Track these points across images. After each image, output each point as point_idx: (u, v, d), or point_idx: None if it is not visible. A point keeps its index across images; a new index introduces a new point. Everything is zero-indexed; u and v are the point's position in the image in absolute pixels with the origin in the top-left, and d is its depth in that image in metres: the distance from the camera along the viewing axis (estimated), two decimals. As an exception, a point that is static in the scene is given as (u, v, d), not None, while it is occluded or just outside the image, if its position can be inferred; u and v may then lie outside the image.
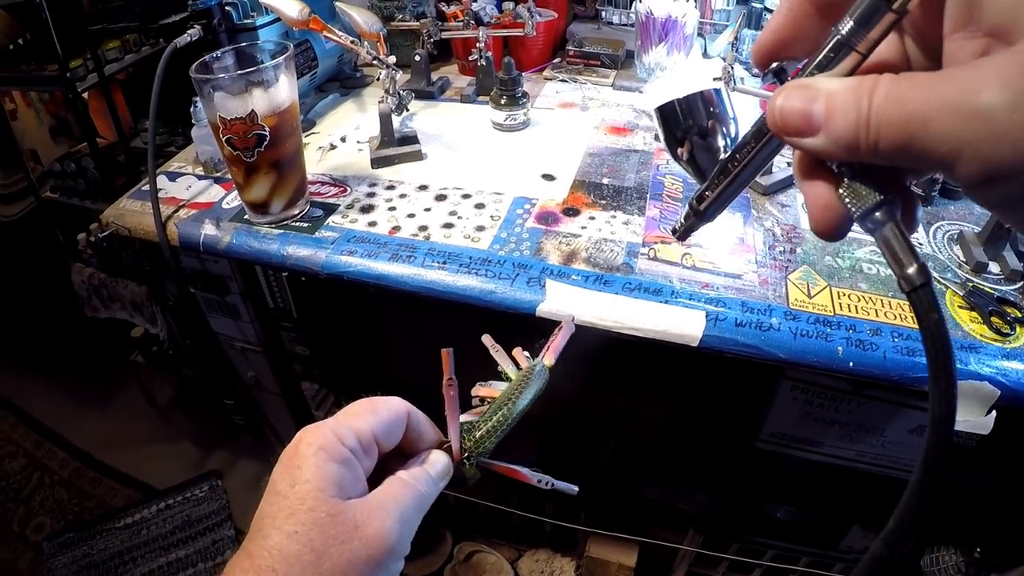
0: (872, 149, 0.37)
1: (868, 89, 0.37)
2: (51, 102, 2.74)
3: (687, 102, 0.55)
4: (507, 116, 1.59)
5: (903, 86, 0.36)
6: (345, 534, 0.53)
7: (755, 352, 1.02)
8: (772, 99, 0.42)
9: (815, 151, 0.41)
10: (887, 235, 0.39)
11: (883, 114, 0.36)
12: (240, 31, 1.53)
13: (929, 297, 0.37)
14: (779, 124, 0.42)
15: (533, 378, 0.77)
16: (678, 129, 0.55)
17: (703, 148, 0.54)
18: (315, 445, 0.56)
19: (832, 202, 0.43)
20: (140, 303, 1.94)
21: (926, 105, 0.34)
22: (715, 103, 0.55)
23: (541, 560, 2.04)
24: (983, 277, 1.13)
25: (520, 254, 1.20)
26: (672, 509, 1.72)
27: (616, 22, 1.98)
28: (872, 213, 0.40)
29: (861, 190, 0.41)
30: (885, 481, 1.34)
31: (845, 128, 0.38)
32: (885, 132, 0.36)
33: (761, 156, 0.49)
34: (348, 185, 1.44)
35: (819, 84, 0.40)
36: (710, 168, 0.54)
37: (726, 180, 0.52)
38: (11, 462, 2.80)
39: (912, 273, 0.38)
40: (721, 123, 0.54)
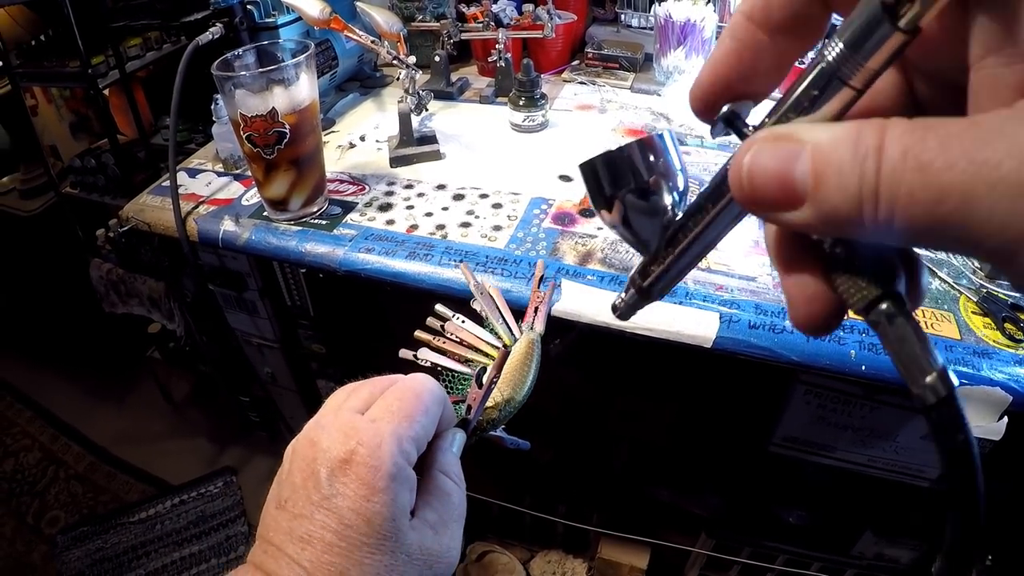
0: (883, 229, 0.27)
1: (872, 143, 0.27)
2: (72, 98, 2.76)
3: (620, 156, 0.41)
4: (525, 117, 1.59)
5: (930, 143, 0.25)
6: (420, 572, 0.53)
7: (768, 354, 1.02)
8: (736, 157, 0.32)
9: (799, 228, 0.30)
10: (897, 334, 0.31)
11: (900, 184, 0.26)
12: (261, 30, 1.54)
13: (954, 413, 0.29)
14: (747, 192, 0.31)
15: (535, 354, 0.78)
16: (609, 187, 0.42)
17: (643, 211, 0.42)
18: (386, 474, 0.53)
19: (820, 291, 0.35)
20: (158, 299, 1.95)
21: (968, 175, 0.24)
22: (658, 152, 0.42)
23: (553, 561, 2.04)
24: (997, 283, 1.13)
25: (536, 254, 1.20)
26: (684, 512, 1.72)
27: (635, 25, 1.98)
28: (876, 306, 0.31)
29: (860, 280, 0.32)
30: (897, 487, 1.33)
31: (842, 199, 0.28)
32: (903, 209, 0.26)
33: (721, 224, 0.39)
34: (367, 183, 1.45)
35: (801, 134, 0.29)
36: (653, 236, 0.43)
37: (675, 253, 0.42)
38: (27, 455, 2.83)
39: (931, 383, 0.29)
40: (666, 177, 0.42)
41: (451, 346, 0.92)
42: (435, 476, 0.60)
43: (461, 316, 0.98)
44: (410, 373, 0.63)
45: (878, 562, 1.57)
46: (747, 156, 0.31)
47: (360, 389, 0.61)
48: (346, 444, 0.53)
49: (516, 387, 0.76)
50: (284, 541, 0.52)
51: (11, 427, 2.95)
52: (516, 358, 0.83)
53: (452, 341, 0.93)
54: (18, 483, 2.72)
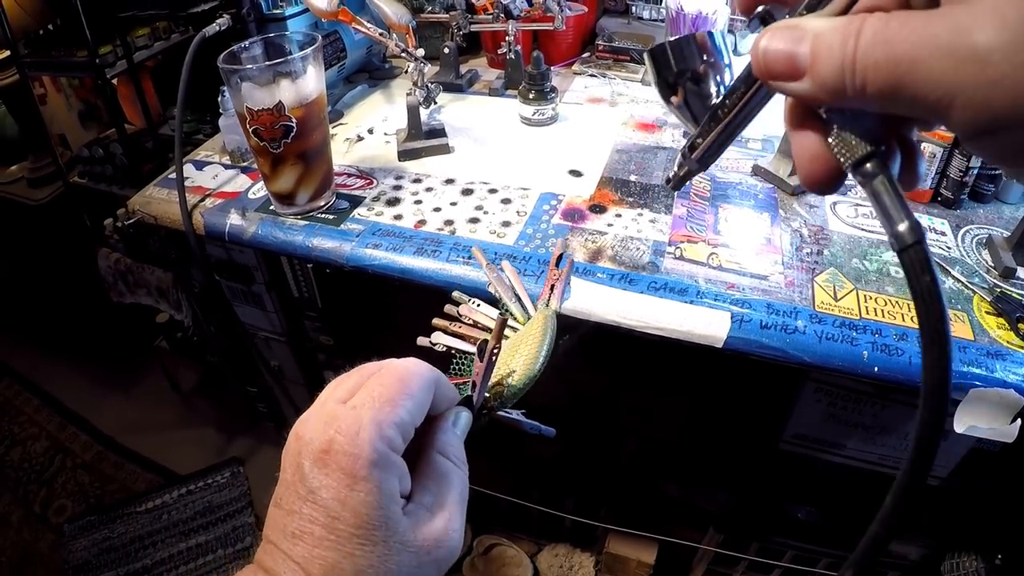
0: (859, 94, 0.35)
1: (855, 29, 0.35)
2: (80, 88, 2.76)
3: (679, 45, 0.53)
4: (535, 111, 1.58)
5: (892, 25, 0.33)
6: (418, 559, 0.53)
7: (780, 355, 1.02)
8: (756, 41, 0.40)
9: (801, 96, 0.39)
10: (877, 188, 0.37)
11: (869, 56, 0.34)
12: (269, 21, 1.53)
13: (921, 257, 0.35)
14: (763, 68, 0.40)
15: (548, 328, 0.77)
16: (670, 74, 0.53)
17: (695, 94, 0.53)
18: (366, 461, 0.51)
19: (822, 152, 0.41)
20: (165, 289, 1.95)
21: (915, 46, 0.32)
22: (708, 48, 0.53)
23: (560, 555, 2.04)
24: (1011, 283, 1.12)
25: (546, 251, 1.19)
26: (693, 507, 1.71)
27: (646, 17, 1.97)
28: (863, 164, 0.38)
29: (851, 139, 0.39)
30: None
31: (830, 71, 0.36)
32: (872, 75, 0.34)
33: (752, 102, 0.47)
34: (375, 177, 1.44)
35: (806, 24, 0.38)
36: (701, 113, 0.52)
37: (717, 127, 0.50)
38: (34, 444, 2.83)
39: (903, 231, 0.35)
40: (714, 69, 0.53)
41: (466, 330, 0.92)
42: (432, 457, 0.59)
43: (477, 300, 0.98)
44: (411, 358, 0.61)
45: (886, 558, 1.56)
46: (764, 39, 0.40)
47: (347, 379, 0.59)
48: (325, 434, 0.52)
49: (528, 362, 0.75)
50: (279, 538, 0.51)
51: (19, 416, 2.96)
52: (528, 332, 0.82)
53: (467, 325, 0.93)
54: (25, 472, 2.73)
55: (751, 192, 1.35)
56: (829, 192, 0.43)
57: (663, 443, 1.60)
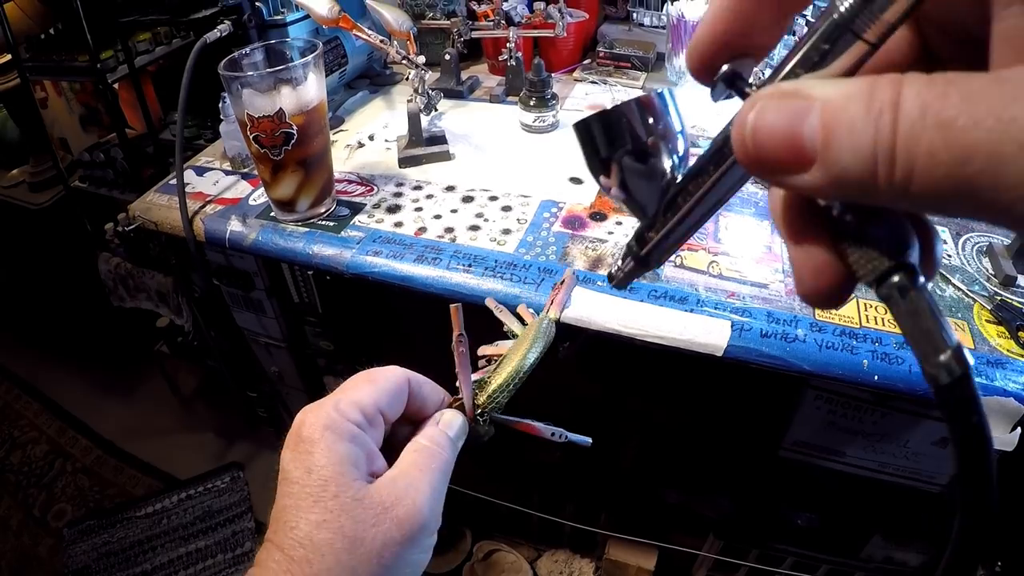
0: (899, 193, 0.25)
1: (889, 99, 0.24)
2: (81, 92, 2.76)
3: (616, 116, 0.39)
4: (536, 118, 1.59)
5: (952, 99, 0.23)
6: (375, 516, 0.52)
7: (780, 363, 1.02)
8: (739, 115, 0.29)
9: (807, 192, 0.28)
10: (910, 308, 0.28)
11: (920, 142, 0.23)
12: (270, 27, 1.53)
13: (968, 394, 0.27)
14: (751, 153, 0.29)
15: (540, 332, 0.76)
16: (605, 150, 0.40)
17: (640, 174, 0.39)
18: (319, 426, 0.54)
19: (829, 261, 0.32)
20: (166, 294, 1.95)
21: (995, 133, 0.22)
22: (656, 113, 0.40)
23: (560, 561, 2.04)
24: (1012, 291, 1.12)
25: (546, 259, 1.20)
26: (693, 514, 1.71)
27: (647, 24, 1.97)
28: (888, 278, 0.29)
29: (871, 251, 0.30)
30: (907, 492, 1.33)
31: (854, 160, 0.25)
32: (923, 170, 0.24)
33: (723, 188, 0.37)
34: (375, 184, 1.44)
35: (810, 90, 0.27)
36: (651, 201, 0.40)
37: (674, 219, 0.40)
38: (34, 448, 2.83)
39: (945, 362, 0.27)
40: (665, 139, 0.39)
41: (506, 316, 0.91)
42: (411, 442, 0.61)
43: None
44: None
45: (887, 565, 1.56)
46: (751, 114, 0.29)
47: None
48: (297, 422, 0.56)
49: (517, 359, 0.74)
50: (269, 533, 0.53)
51: (18, 419, 2.96)
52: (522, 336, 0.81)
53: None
54: (25, 476, 2.72)
55: (751, 200, 1.35)
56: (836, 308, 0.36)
57: (663, 449, 1.60)
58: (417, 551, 0.54)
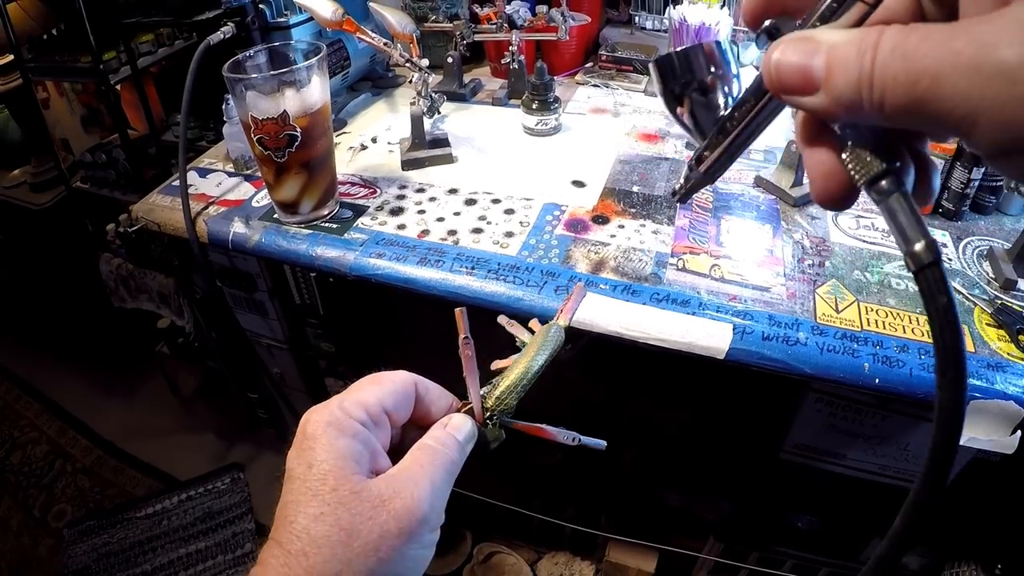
0: (877, 110, 0.33)
1: (872, 42, 0.33)
2: (83, 92, 2.76)
3: (686, 56, 0.49)
4: (538, 121, 1.59)
5: (912, 39, 0.32)
6: (372, 509, 0.52)
7: (781, 366, 1.02)
8: (768, 53, 0.38)
9: (815, 111, 0.37)
10: (893, 206, 0.36)
11: (888, 70, 0.32)
12: (273, 30, 1.53)
13: (938, 278, 0.33)
14: (775, 81, 0.38)
15: (549, 338, 0.76)
16: (676, 85, 0.50)
17: (703, 105, 0.49)
18: (323, 423, 0.55)
19: (835, 169, 0.40)
20: (167, 295, 1.95)
21: (937, 61, 0.30)
22: (716, 58, 0.50)
23: (560, 563, 2.04)
24: (1012, 295, 1.12)
25: (548, 262, 1.20)
26: (693, 516, 1.71)
27: (649, 28, 1.97)
28: (878, 182, 0.37)
29: (865, 156, 0.38)
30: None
31: (846, 85, 0.34)
32: (891, 91, 0.32)
33: (762, 115, 0.45)
34: (378, 187, 1.45)
35: (820, 36, 0.36)
36: (709, 126, 0.49)
37: (725, 140, 0.48)
38: (34, 448, 2.83)
39: (920, 250, 0.34)
40: (722, 80, 0.49)
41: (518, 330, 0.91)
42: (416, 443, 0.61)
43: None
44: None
45: (887, 569, 1.56)
46: (776, 52, 0.38)
47: None
48: (302, 419, 0.57)
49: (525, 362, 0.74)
50: (272, 530, 0.54)
51: (19, 420, 2.95)
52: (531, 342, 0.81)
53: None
54: (25, 476, 2.72)
55: (753, 203, 1.35)
56: (842, 209, 0.42)
57: (664, 452, 1.61)
58: (416, 546, 0.54)
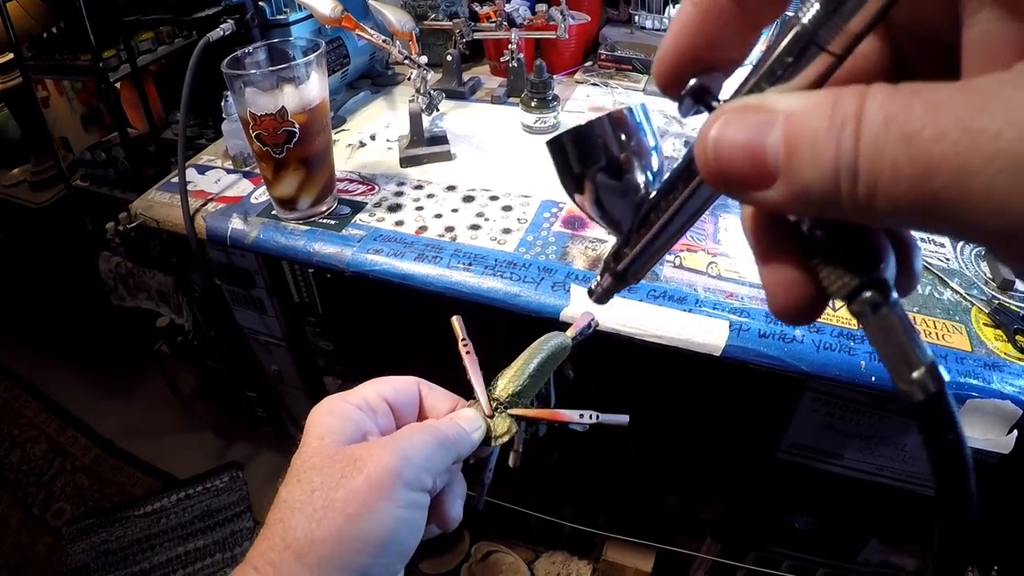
0: (864, 208, 0.24)
1: (852, 110, 0.23)
2: (83, 91, 2.77)
3: (588, 132, 0.39)
4: (537, 119, 1.59)
5: (916, 109, 0.22)
6: (344, 468, 0.52)
7: (778, 364, 1.02)
8: (701, 131, 0.28)
9: (772, 208, 0.27)
10: (882, 325, 0.28)
11: (883, 154, 0.22)
12: (273, 27, 1.54)
13: (945, 410, 0.26)
14: (714, 169, 0.28)
15: (549, 341, 0.75)
16: (577, 166, 0.40)
17: (614, 191, 0.40)
18: (319, 410, 0.57)
19: (799, 279, 0.32)
20: (166, 293, 1.95)
21: (962, 147, 0.21)
22: (630, 127, 0.40)
23: (558, 562, 2.04)
24: (1009, 295, 1.12)
25: (546, 258, 1.20)
26: (690, 516, 1.71)
27: (649, 27, 1.97)
28: (858, 295, 0.28)
29: (840, 265, 0.29)
30: (905, 495, 1.33)
31: (816, 173, 0.24)
32: (887, 184, 0.23)
33: (693, 203, 0.36)
34: (376, 183, 1.45)
35: (773, 103, 0.26)
36: (625, 217, 0.40)
37: (648, 235, 0.39)
38: (34, 447, 2.83)
39: (919, 378, 0.26)
40: (639, 155, 0.40)
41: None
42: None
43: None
44: None
45: (884, 569, 1.56)
46: (713, 128, 0.28)
47: None
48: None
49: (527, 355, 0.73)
50: None
51: (18, 418, 2.96)
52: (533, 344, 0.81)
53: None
54: (24, 474, 2.72)
55: (751, 202, 1.35)
56: (809, 323, 0.34)
57: (661, 451, 1.61)
58: (390, 503, 0.51)
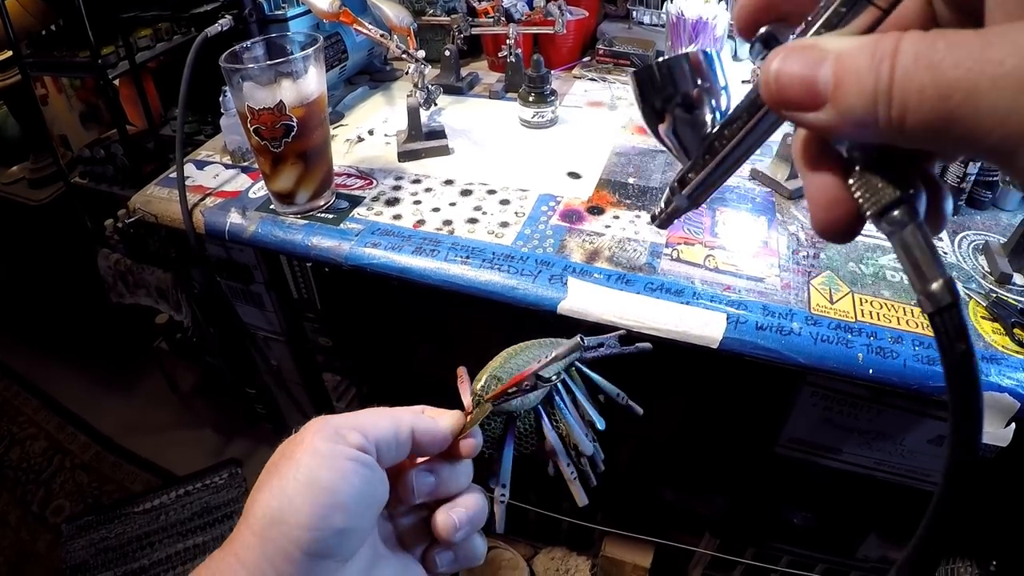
0: (895, 128, 0.28)
1: (889, 48, 0.28)
2: (82, 88, 2.77)
3: (669, 67, 0.43)
4: (535, 113, 1.59)
5: (939, 46, 0.27)
6: (302, 434, 0.54)
7: (775, 356, 1.02)
8: (766, 62, 0.33)
9: (820, 129, 0.32)
10: (908, 241, 0.31)
11: (911, 82, 0.27)
12: (271, 22, 1.54)
13: (956, 321, 0.29)
14: (775, 94, 0.33)
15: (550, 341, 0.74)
16: (657, 99, 0.44)
17: (687, 123, 0.43)
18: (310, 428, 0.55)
19: (840, 196, 0.35)
20: (165, 290, 1.95)
21: (972, 72, 0.26)
22: (703, 69, 0.43)
23: (557, 558, 2.04)
24: (1007, 288, 1.12)
25: (543, 251, 1.20)
26: (689, 512, 1.71)
27: (647, 22, 1.97)
28: (890, 211, 0.32)
29: (877, 182, 0.33)
30: (903, 490, 1.33)
31: (859, 99, 0.29)
32: (914, 106, 0.27)
33: (755, 134, 0.40)
34: (374, 178, 1.45)
35: (825, 44, 0.31)
36: (694, 145, 0.43)
37: (713, 162, 0.42)
38: (33, 444, 2.83)
39: (937, 290, 0.29)
40: (710, 94, 0.43)
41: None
42: None
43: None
44: None
45: (883, 565, 1.56)
46: (775, 61, 0.32)
47: None
48: None
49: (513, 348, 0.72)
50: None
51: (18, 416, 2.96)
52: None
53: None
54: (24, 472, 2.73)
55: (748, 195, 1.35)
56: (846, 241, 0.37)
57: (660, 447, 1.61)
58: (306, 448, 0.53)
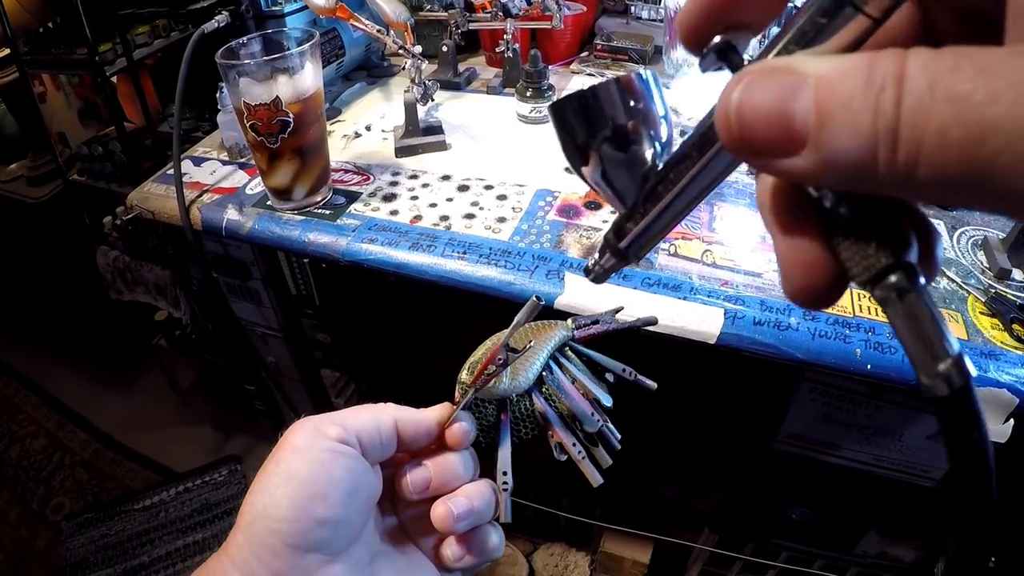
0: (901, 178, 0.22)
1: (892, 71, 0.21)
2: (80, 85, 2.76)
3: (595, 93, 0.36)
4: (532, 108, 1.59)
5: (964, 70, 0.20)
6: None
7: (773, 351, 1.02)
8: (724, 92, 0.26)
9: (797, 177, 0.25)
10: (908, 311, 0.25)
11: (928, 118, 0.20)
12: (268, 18, 1.53)
13: (970, 406, 0.24)
14: (736, 134, 0.26)
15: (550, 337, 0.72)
16: (581, 133, 0.37)
17: (620, 162, 0.36)
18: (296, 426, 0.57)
19: (818, 258, 0.29)
20: (164, 287, 1.95)
21: (1018, 108, 0.19)
22: (638, 93, 0.36)
23: (556, 554, 2.04)
24: (1006, 284, 1.12)
25: (540, 246, 1.20)
26: (688, 507, 1.71)
27: (645, 17, 1.97)
28: (884, 278, 0.26)
29: (868, 243, 0.27)
30: (902, 486, 1.33)
31: (851, 141, 0.22)
32: (931, 151, 0.21)
33: (707, 175, 0.33)
34: (371, 173, 1.45)
35: (802, 66, 0.24)
36: (631, 189, 0.37)
37: (654, 210, 0.36)
38: (33, 442, 2.83)
39: (945, 371, 0.24)
40: (647, 124, 0.36)
41: None
42: None
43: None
44: None
45: (881, 561, 1.56)
46: (736, 91, 0.25)
47: None
48: None
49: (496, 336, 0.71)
50: None
51: (17, 413, 2.96)
52: None
53: None
54: (24, 469, 2.73)
55: (747, 191, 1.35)
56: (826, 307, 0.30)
57: (658, 442, 1.60)
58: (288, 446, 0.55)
